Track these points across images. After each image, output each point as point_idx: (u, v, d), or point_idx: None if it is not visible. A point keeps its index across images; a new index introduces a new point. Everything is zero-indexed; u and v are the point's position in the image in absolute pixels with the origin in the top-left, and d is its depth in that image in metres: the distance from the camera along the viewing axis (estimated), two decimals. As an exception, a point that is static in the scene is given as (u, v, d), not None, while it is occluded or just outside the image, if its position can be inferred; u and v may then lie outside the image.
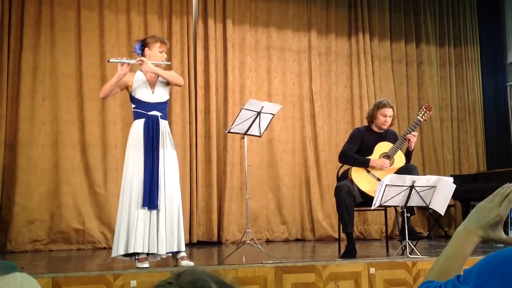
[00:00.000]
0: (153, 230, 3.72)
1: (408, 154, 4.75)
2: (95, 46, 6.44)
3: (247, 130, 4.45)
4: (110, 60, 3.89)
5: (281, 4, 7.43)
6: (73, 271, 3.62)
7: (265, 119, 4.48)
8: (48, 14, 6.26)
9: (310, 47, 7.51)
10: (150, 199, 3.72)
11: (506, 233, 1.16)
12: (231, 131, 4.50)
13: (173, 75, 4.02)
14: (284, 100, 7.18)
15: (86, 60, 6.36)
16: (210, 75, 6.88)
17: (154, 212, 3.74)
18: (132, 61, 3.84)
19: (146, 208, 3.72)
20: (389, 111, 4.75)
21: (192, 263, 3.77)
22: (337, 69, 7.66)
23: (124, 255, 3.77)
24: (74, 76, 6.32)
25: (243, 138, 4.55)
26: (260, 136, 4.65)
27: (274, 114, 4.56)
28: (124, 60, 3.82)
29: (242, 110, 4.39)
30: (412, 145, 4.67)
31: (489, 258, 1.01)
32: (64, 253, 5.71)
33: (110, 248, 6.06)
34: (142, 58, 3.87)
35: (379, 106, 4.77)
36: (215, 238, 6.63)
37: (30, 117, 6.06)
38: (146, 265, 3.69)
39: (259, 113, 4.39)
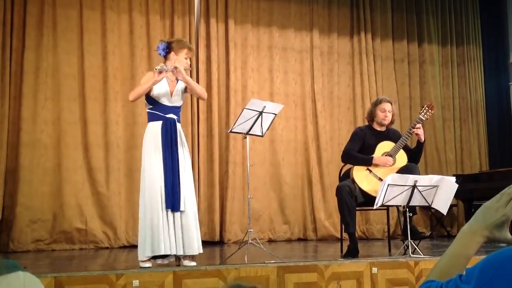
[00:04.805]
0: (178, 232, 3.74)
1: (419, 146, 4.72)
2: (97, 46, 6.44)
3: (249, 130, 4.44)
4: (157, 68, 3.87)
5: (283, 3, 7.43)
6: (75, 270, 3.62)
7: (267, 119, 4.47)
8: (50, 14, 6.26)
9: (312, 47, 7.51)
10: (173, 201, 3.74)
11: None
12: (233, 131, 4.50)
13: (200, 87, 4.12)
14: (286, 99, 7.18)
15: (88, 60, 6.36)
16: (212, 74, 6.88)
17: (178, 213, 3.76)
18: (170, 69, 3.88)
19: (170, 210, 3.74)
20: (387, 106, 4.76)
21: (194, 263, 3.77)
22: (339, 68, 7.66)
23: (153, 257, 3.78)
24: (77, 76, 6.32)
25: (245, 137, 4.54)
26: (262, 136, 4.65)
27: (276, 114, 4.56)
28: (167, 68, 3.86)
29: (244, 109, 4.39)
30: (422, 137, 4.65)
31: (492, 257, 1.00)
32: (67, 252, 5.71)
33: (112, 248, 6.10)
34: (177, 65, 3.88)
35: (376, 103, 4.83)
36: (217, 238, 6.64)
37: (33, 117, 6.06)
38: (148, 264, 3.72)
39: (261, 113, 4.38)
